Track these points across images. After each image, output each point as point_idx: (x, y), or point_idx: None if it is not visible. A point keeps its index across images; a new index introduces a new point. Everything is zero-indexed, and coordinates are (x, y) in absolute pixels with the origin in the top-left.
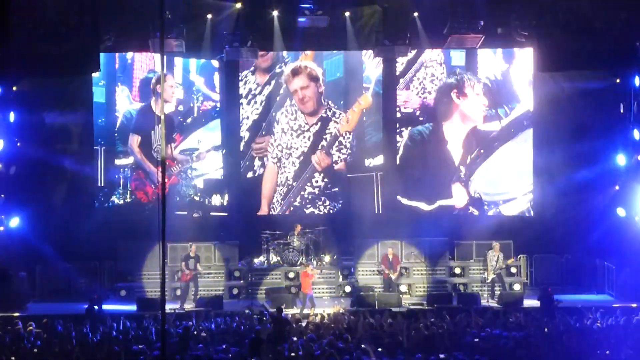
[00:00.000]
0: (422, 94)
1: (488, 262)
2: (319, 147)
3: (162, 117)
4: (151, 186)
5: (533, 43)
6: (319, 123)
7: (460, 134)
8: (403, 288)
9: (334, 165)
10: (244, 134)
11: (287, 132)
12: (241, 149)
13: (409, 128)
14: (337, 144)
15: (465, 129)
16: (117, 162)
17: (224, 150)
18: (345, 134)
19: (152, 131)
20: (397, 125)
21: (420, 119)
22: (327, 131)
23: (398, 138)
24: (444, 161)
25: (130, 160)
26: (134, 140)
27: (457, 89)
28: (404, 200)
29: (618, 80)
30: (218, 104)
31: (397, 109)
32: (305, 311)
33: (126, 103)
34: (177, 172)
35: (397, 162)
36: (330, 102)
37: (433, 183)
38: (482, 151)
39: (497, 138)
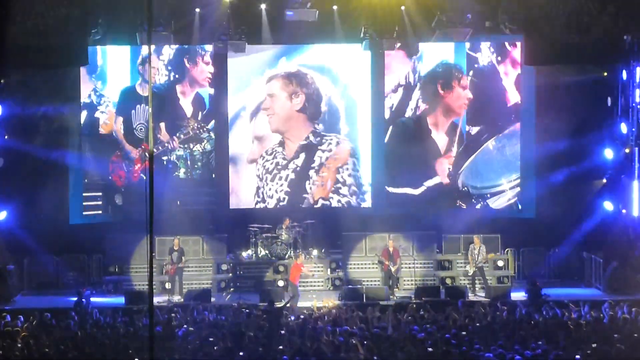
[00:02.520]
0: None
1: (469, 256)
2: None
3: (150, 110)
4: (124, 170)
5: (521, 37)
6: (302, 154)
7: (442, 126)
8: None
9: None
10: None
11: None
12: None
13: (395, 120)
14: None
15: (447, 121)
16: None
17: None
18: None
19: (133, 111)
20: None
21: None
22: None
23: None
24: (428, 149)
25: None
26: (118, 120)
27: (443, 81)
28: (392, 189)
29: (605, 74)
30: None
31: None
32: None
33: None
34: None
35: (384, 154)
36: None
37: (416, 166)
38: (469, 145)
39: (484, 132)
